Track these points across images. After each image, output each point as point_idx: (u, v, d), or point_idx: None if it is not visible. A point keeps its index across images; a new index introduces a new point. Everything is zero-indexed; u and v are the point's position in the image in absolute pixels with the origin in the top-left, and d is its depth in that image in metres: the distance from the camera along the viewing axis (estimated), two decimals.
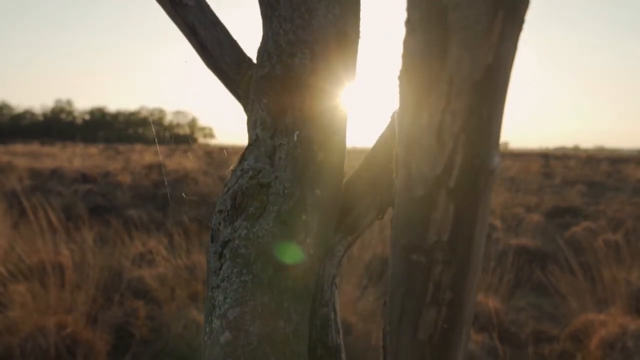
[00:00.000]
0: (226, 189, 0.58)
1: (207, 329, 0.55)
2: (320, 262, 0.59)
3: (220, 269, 0.55)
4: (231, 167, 0.58)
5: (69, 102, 69.05)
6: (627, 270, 3.75)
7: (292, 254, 0.56)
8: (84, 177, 10.32)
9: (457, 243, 0.35)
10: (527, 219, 6.70)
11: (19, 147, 23.33)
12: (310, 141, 0.58)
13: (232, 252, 0.55)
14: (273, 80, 0.58)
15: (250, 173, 0.56)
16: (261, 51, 0.61)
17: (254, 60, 0.62)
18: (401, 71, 0.33)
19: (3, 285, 3.00)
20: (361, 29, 0.61)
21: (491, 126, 0.32)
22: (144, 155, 18.10)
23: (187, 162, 13.85)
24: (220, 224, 0.57)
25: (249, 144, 0.59)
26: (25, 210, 4.08)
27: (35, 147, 24.76)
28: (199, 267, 3.65)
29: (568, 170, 15.89)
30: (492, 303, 3.42)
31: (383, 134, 0.61)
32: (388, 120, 0.60)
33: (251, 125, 0.60)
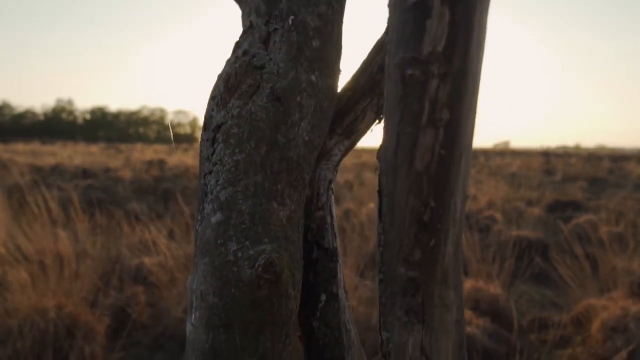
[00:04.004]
0: (219, 74, 0.57)
1: (199, 217, 0.54)
2: (315, 151, 0.58)
3: (213, 154, 0.54)
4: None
5: (69, 102, 69.22)
6: (628, 260, 3.75)
7: None
8: (85, 173, 10.32)
9: (454, 54, 0.33)
10: (528, 212, 6.69)
11: (20, 146, 23.35)
12: (305, 26, 0.57)
13: (224, 134, 0.53)
14: None
15: (243, 57, 0.55)
16: None
17: None
18: None
19: (3, 270, 2.99)
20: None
21: None
22: (145, 153, 18.13)
23: (188, 159, 13.88)
24: (212, 110, 0.56)
25: (243, 32, 0.58)
26: (26, 203, 4.08)
27: (36, 146, 24.78)
28: None
29: (569, 167, 15.88)
30: (494, 289, 3.42)
31: (381, 37, 0.60)
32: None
33: (245, 15, 0.59)
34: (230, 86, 0.54)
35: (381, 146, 0.43)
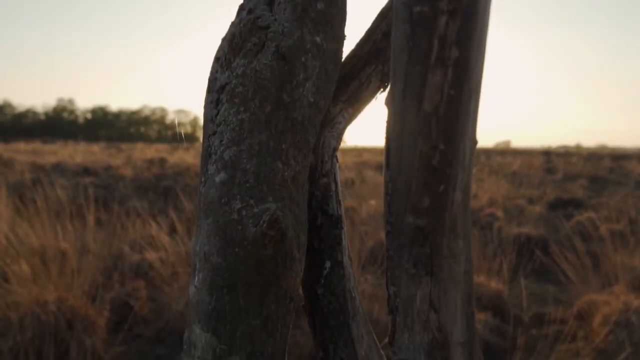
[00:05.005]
0: (223, 37, 0.57)
1: (202, 179, 0.54)
2: (320, 114, 0.58)
3: (216, 115, 0.54)
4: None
5: (70, 101, 69.49)
6: (629, 256, 3.74)
7: None
8: (86, 171, 10.33)
9: None
10: (529, 209, 6.70)
11: (21, 145, 23.39)
12: None
13: (229, 94, 0.53)
14: None
15: (248, 16, 0.55)
16: None
17: None
18: None
19: (4, 263, 2.99)
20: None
21: None
22: (146, 152, 18.17)
23: (189, 157, 13.90)
24: (216, 71, 0.56)
25: None
26: (28, 201, 4.09)
27: (37, 145, 24.83)
28: None
29: (570, 166, 15.88)
30: (495, 285, 3.41)
31: (385, 5, 0.60)
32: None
33: None
34: (235, 45, 0.54)
35: (389, 91, 0.43)
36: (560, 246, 3.98)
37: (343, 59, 0.62)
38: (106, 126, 67.67)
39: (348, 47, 0.63)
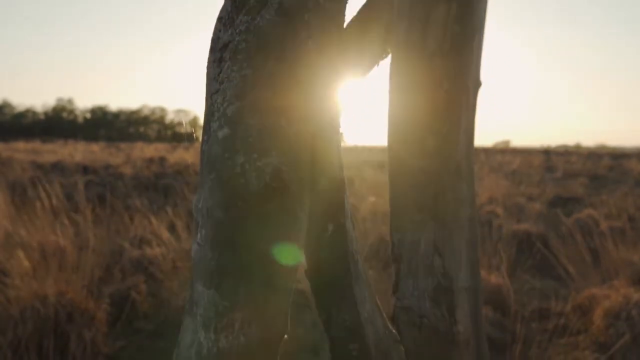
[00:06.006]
0: None
1: (205, 137, 0.54)
2: (324, 74, 0.58)
3: (219, 74, 0.54)
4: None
5: (70, 101, 69.47)
6: (629, 252, 3.74)
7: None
8: (85, 169, 10.33)
9: None
10: (529, 207, 6.70)
11: (20, 145, 23.40)
12: None
13: (232, 51, 0.53)
14: None
15: None
16: None
17: None
18: None
19: (5, 259, 2.99)
20: None
21: None
22: (145, 152, 18.18)
23: (188, 156, 13.90)
24: (219, 30, 0.56)
25: None
26: (27, 199, 4.08)
27: (37, 144, 24.85)
28: None
29: (570, 164, 15.90)
30: (495, 279, 3.41)
31: None
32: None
33: None
34: (238, 3, 0.54)
35: (393, 33, 0.42)
36: (560, 242, 3.98)
37: (345, 23, 0.62)
38: (106, 126, 67.68)
39: (350, 12, 0.63)
